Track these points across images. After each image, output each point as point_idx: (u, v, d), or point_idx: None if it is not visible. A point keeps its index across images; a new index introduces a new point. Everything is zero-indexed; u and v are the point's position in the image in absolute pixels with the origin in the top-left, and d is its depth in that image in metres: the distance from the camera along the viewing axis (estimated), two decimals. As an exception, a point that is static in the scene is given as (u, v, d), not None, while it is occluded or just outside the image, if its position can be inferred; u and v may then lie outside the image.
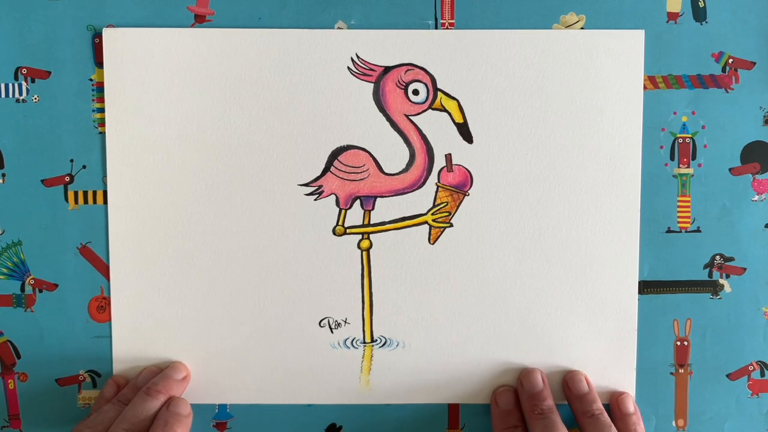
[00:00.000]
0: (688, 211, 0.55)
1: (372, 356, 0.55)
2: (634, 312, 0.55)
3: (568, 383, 0.55)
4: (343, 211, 0.55)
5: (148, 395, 0.51)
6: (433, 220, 0.55)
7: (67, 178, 0.55)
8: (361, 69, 0.54)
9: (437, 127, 0.54)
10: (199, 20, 0.54)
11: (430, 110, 0.54)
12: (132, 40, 0.54)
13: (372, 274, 0.55)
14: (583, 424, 0.52)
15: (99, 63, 0.54)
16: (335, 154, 0.54)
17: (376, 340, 0.55)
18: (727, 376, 0.56)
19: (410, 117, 0.54)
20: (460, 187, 0.55)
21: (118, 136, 0.54)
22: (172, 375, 0.53)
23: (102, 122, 0.54)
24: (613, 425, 0.51)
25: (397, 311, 0.55)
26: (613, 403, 0.55)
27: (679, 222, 0.55)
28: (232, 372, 0.55)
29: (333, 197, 0.55)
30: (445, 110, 0.54)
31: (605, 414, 0.52)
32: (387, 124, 0.54)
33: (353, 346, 0.55)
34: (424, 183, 0.55)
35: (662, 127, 0.55)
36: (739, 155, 0.55)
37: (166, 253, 0.55)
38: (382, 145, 0.54)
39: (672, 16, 0.54)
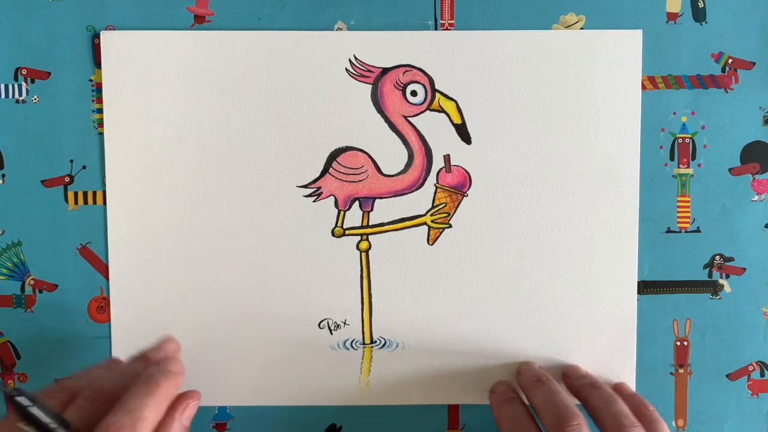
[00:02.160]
0: (688, 211, 0.55)
1: (372, 357, 0.55)
2: (633, 312, 0.55)
3: (565, 371, 0.54)
4: (341, 213, 0.55)
5: (138, 360, 0.50)
6: (432, 221, 0.55)
7: (67, 179, 0.55)
8: (359, 70, 0.54)
9: (436, 128, 0.54)
10: (199, 21, 0.54)
11: (428, 111, 0.54)
12: (130, 43, 0.54)
13: (371, 276, 0.55)
14: (587, 396, 0.50)
15: (99, 64, 0.54)
16: (334, 156, 0.54)
17: (376, 341, 0.55)
18: (727, 376, 0.56)
19: (408, 118, 0.54)
20: (458, 188, 0.55)
21: (116, 138, 0.54)
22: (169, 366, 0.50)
23: (102, 123, 0.54)
24: (617, 396, 0.49)
25: (397, 312, 0.55)
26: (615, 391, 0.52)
27: (678, 222, 0.55)
28: (232, 373, 0.55)
29: (332, 199, 0.55)
30: (444, 111, 0.54)
31: (608, 387, 0.51)
32: (385, 125, 0.54)
33: (353, 347, 0.55)
34: (422, 184, 0.55)
35: (662, 128, 0.55)
36: (739, 155, 0.55)
37: (166, 254, 0.55)
38: (380, 146, 0.54)
39: (672, 17, 0.54)
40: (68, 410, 0.44)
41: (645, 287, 0.55)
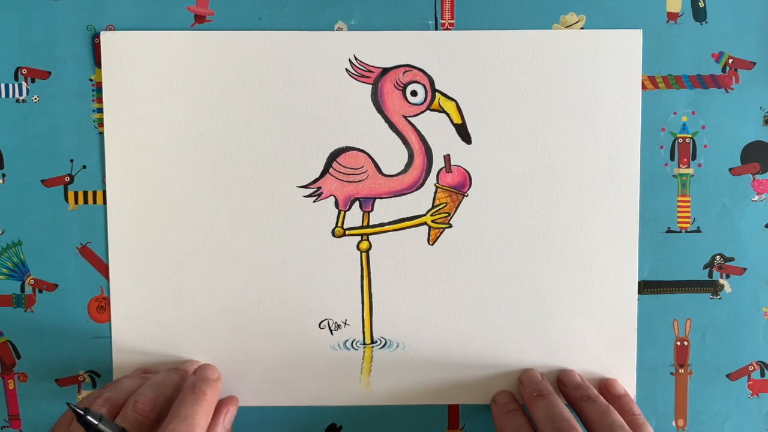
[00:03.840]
0: (688, 211, 0.55)
1: (372, 357, 0.55)
2: (634, 312, 0.55)
3: (561, 378, 0.55)
4: (342, 213, 0.55)
5: (174, 372, 0.52)
6: (432, 221, 0.55)
7: (67, 179, 0.55)
8: (359, 71, 0.54)
9: (436, 128, 0.54)
10: (199, 20, 0.54)
11: (428, 111, 0.54)
12: (130, 44, 0.54)
13: (371, 276, 0.55)
14: (582, 408, 0.51)
15: (99, 63, 0.54)
16: (334, 156, 0.54)
17: (376, 342, 0.55)
18: (727, 376, 0.56)
19: (409, 118, 0.54)
20: (458, 188, 0.55)
21: (116, 138, 0.54)
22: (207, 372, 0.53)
23: (102, 123, 0.54)
24: (611, 406, 0.50)
25: (397, 312, 0.55)
26: (603, 390, 0.54)
27: (679, 222, 0.55)
28: (232, 374, 0.55)
29: (332, 199, 0.55)
30: (444, 111, 0.54)
31: (602, 398, 0.51)
32: (385, 125, 0.54)
33: (353, 347, 0.55)
34: (423, 184, 0.55)
35: (662, 127, 0.55)
36: (739, 155, 0.55)
37: (166, 254, 0.55)
38: (380, 146, 0.54)
39: (672, 16, 0.54)
40: (117, 421, 0.46)
41: (645, 287, 0.55)
